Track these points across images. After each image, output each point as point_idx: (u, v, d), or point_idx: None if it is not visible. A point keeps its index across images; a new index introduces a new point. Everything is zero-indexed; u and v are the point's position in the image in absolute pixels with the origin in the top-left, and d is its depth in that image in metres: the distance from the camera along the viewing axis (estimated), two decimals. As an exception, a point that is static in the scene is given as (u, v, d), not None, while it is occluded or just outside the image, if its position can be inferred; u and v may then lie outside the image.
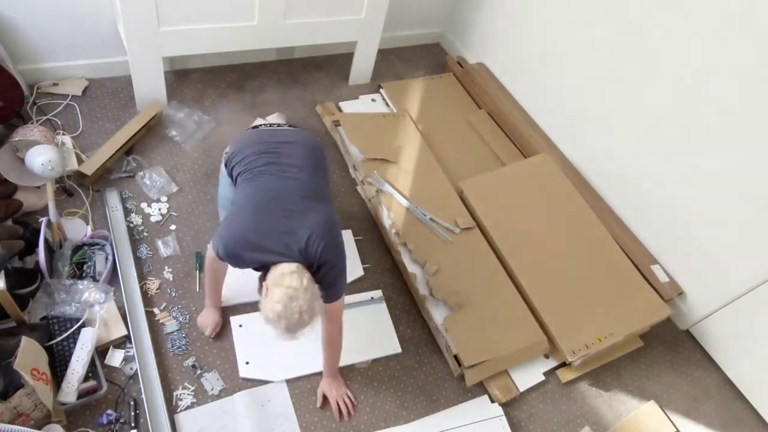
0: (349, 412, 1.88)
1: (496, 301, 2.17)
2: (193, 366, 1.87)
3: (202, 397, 1.81)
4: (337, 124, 2.67)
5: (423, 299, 2.12)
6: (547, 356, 2.15)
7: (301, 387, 1.90)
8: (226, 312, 2.01)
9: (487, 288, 2.19)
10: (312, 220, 1.59)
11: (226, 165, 1.86)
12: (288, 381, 1.90)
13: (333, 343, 1.82)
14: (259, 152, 1.76)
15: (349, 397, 1.91)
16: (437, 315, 2.08)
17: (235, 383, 1.86)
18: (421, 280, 2.14)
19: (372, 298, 2.18)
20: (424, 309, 2.14)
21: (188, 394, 1.81)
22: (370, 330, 2.09)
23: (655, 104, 2.27)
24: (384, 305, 2.17)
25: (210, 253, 1.74)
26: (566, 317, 2.16)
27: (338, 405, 1.88)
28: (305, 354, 1.94)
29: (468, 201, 2.42)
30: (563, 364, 2.14)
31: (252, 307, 2.03)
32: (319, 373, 1.93)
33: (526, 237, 2.35)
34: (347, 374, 1.98)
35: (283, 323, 1.44)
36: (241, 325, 1.98)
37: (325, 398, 1.89)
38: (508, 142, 2.83)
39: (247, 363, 1.91)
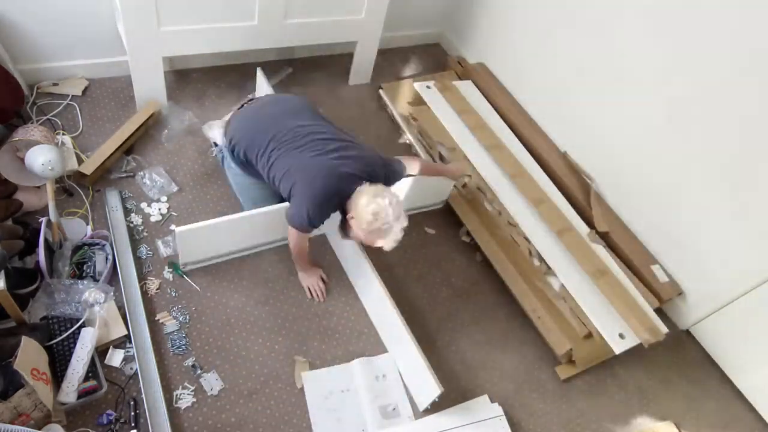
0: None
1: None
2: (193, 366, 1.87)
3: (202, 396, 1.81)
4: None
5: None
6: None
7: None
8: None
9: None
10: (361, 153, 1.91)
11: (232, 153, 2.00)
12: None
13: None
14: (263, 131, 1.92)
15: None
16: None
17: (235, 383, 1.86)
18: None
19: None
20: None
21: (188, 394, 1.81)
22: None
23: (655, 105, 2.27)
24: None
25: (297, 231, 1.91)
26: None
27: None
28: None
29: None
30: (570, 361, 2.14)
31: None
32: None
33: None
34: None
35: (383, 215, 1.72)
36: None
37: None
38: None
39: None
